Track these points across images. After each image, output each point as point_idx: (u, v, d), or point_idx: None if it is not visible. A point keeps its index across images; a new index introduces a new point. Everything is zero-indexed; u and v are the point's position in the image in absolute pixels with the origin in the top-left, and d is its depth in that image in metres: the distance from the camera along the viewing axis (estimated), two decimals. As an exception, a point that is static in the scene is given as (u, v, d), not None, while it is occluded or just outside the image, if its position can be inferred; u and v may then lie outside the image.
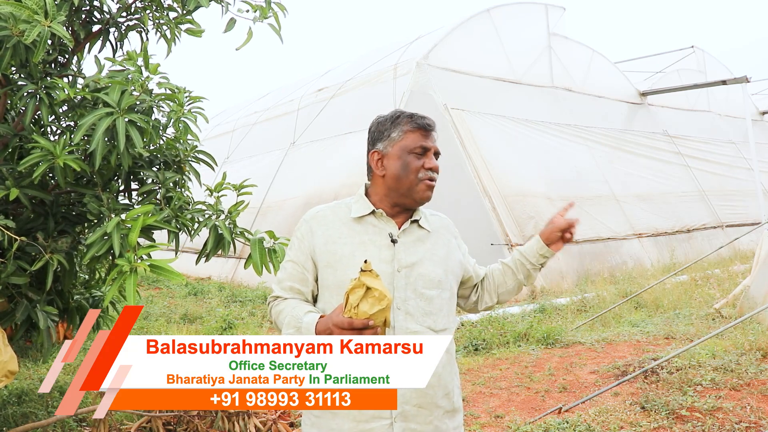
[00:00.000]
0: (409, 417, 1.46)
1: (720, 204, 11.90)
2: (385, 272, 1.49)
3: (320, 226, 1.57)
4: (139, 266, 2.09)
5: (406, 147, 1.54)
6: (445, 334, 1.54)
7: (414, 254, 1.54)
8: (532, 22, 10.68)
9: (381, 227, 1.55)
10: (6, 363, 2.48)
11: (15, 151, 2.74)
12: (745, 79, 10.23)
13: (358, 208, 1.57)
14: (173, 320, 6.64)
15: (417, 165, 1.53)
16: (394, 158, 1.55)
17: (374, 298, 1.30)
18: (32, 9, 2.17)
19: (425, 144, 1.55)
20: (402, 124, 1.57)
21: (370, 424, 1.45)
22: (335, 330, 1.33)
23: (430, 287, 1.52)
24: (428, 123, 1.58)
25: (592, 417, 3.41)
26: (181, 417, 3.19)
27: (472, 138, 8.57)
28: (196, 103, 2.84)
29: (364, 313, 1.30)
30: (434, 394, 1.49)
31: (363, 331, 1.31)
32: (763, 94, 17.60)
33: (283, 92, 14.07)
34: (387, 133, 1.58)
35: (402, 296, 1.50)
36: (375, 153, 1.59)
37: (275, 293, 1.61)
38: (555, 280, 8.01)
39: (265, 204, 10.32)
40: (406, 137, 1.55)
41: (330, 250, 1.53)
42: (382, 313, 1.31)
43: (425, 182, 1.54)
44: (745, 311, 5.36)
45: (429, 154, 1.56)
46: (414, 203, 1.56)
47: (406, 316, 1.49)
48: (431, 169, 1.54)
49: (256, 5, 2.85)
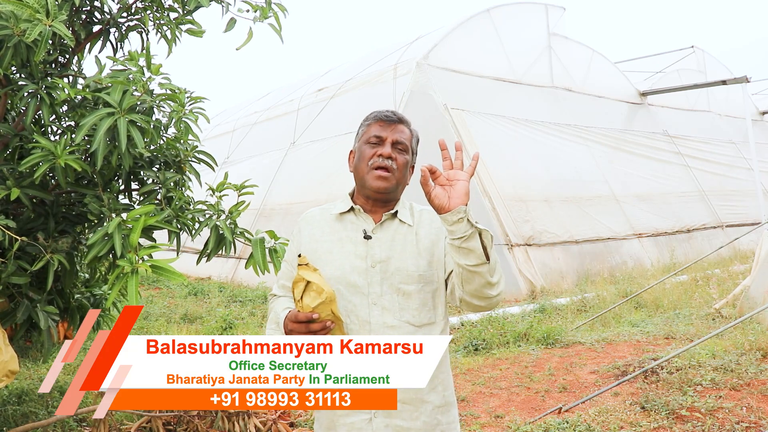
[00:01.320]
0: (393, 413, 1.46)
1: (720, 204, 11.90)
2: (359, 268, 1.51)
3: (307, 225, 1.62)
4: (141, 267, 2.09)
5: (364, 139, 1.58)
6: (429, 328, 1.53)
7: (390, 249, 1.53)
8: (532, 22, 10.68)
9: (358, 223, 1.57)
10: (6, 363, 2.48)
11: (16, 151, 2.74)
12: (745, 79, 10.23)
13: (340, 206, 1.61)
14: (173, 320, 6.64)
15: (369, 153, 1.54)
16: (357, 152, 1.60)
17: (314, 291, 1.34)
18: (34, 8, 2.17)
19: (380, 133, 1.55)
20: (368, 120, 1.61)
21: (350, 418, 1.47)
22: (288, 323, 1.38)
23: (409, 282, 1.51)
24: (388, 114, 1.57)
25: (592, 417, 3.41)
26: (181, 417, 3.19)
27: (472, 138, 8.56)
28: (197, 103, 2.85)
29: (308, 306, 1.33)
30: (419, 389, 1.48)
31: (309, 325, 1.34)
32: (763, 94, 17.60)
33: (283, 92, 14.07)
34: (359, 131, 1.63)
35: (377, 291, 1.50)
36: (351, 152, 1.65)
37: (273, 291, 1.69)
38: (555, 280, 8.01)
39: (265, 204, 10.32)
40: (367, 130, 1.59)
41: (312, 248, 1.57)
42: (326, 306, 1.34)
43: (375, 171, 1.52)
44: (745, 311, 5.36)
45: (384, 143, 1.54)
46: (372, 194, 1.55)
47: (383, 311, 1.49)
48: (382, 156, 1.52)
49: (256, 5, 2.85)
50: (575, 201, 9.37)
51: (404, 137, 1.57)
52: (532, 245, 8.14)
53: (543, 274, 7.95)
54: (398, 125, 1.57)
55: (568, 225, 8.89)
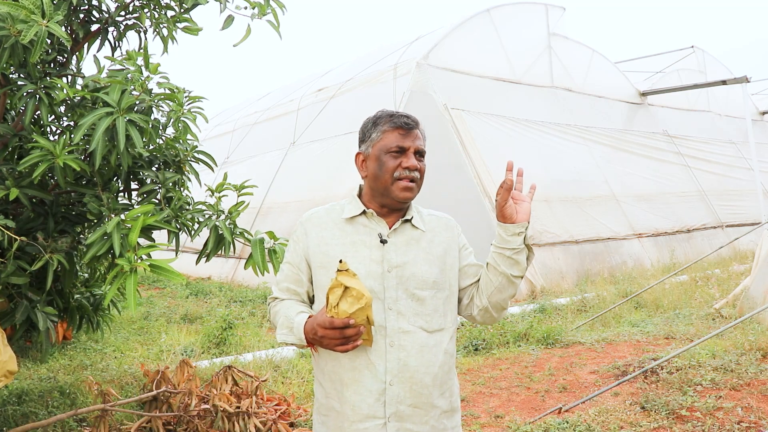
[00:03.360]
0: (405, 417, 1.47)
1: (720, 204, 11.90)
2: (375, 272, 1.49)
3: (314, 227, 1.58)
4: (139, 266, 2.09)
5: (383, 147, 1.53)
6: (440, 334, 1.53)
7: (405, 254, 1.52)
8: (532, 22, 10.68)
9: (372, 227, 1.54)
10: (5, 363, 2.48)
11: (15, 151, 2.74)
12: (745, 79, 10.23)
13: (350, 209, 1.57)
14: (173, 320, 6.64)
15: (393, 165, 1.51)
16: (373, 159, 1.55)
17: (353, 297, 1.32)
18: (29, 9, 2.16)
19: (402, 144, 1.52)
20: (381, 124, 1.56)
21: (364, 424, 1.46)
22: (318, 329, 1.36)
23: (423, 287, 1.51)
24: (407, 122, 1.54)
25: (592, 417, 3.40)
26: (181, 417, 3.18)
27: (471, 138, 8.56)
28: (195, 103, 2.84)
29: (344, 312, 1.32)
30: (430, 394, 1.49)
31: (345, 330, 1.33)
32: (763, 94, 17.59)
33: (283, 92, 14.07)
34: (369, 134, 1.58)
35: (393, 296, 1.49)
36: (359, 155, 1.60)
37: (273, 294, 1.64)
38: (555, 280, 8.01)
39: (265, 204, 10.31)
40: (385, 137, 1.54)
41: (323, 251, 1.54)
42: (363, 312, 1.33)
43: (402, 182, 1.51)
44: (745, 311, 5.36)
45: (408, 154, 1.52)
46: (394, 203, 1.54)
47: (398, 316, 1.48)
48: (408, 168, 1.51)
49: (254, 2, 2.84)
50: (575, 201, 9.37)
51: (422, 144, 1.56)
52: (532, 245, 8.12)
53: (543, 274, 7.95)
54: (416, 131, 1.55)
55: (568, 225, 8.89)
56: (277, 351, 4.90)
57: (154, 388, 3.33)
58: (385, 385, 1.46)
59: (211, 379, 3.49)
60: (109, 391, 3.22)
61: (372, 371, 1.46)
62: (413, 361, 1.47)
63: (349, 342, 1.35)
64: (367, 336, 1.40)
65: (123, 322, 6.26)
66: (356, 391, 1.47)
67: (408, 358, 1.47)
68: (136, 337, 5.78)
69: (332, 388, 1.53)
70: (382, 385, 1.46)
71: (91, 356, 4.91)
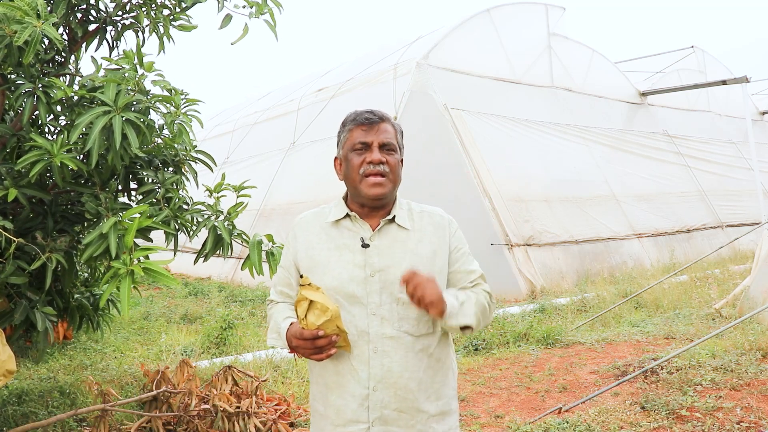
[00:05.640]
0: (389, 421, 1.45)
1: (720, 204, 11.89)
2: (358, 277, 1.47)
3: (302, 231, 1.58)
4: (134, 269, 2.07)
5: (350, 146, 1.52)
6: (427, 338, 1.49)
7: (389, 257, 1.48)
8: (532, 22, 10.67)
9: (355, 230, 1.52)
10: (4, 362, 2.47)
11: (13, 151, 2.73)
12: (745, 79, 10.22)
13: (335, 213, 1.55)
14: (173, 320, 6.64)
15: (358, 161, 1.48)
16: (344, 160, 1.54)
17: (318, 309, 1.34)
18: (24, 10, 2.16)
19: (365, 139, 1.49)
20: (348, 124, 1.55)
21: (347, 428, 1.46)
22: (293, 339, 1.40)
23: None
24: (368, 117, 1.50)
25: (592, 417, 3.40)
26: (181, 417, 3.18)
27: (471, 138, 8.56)
28: (191, 105, 2.82)
29: (313, 324, 1.34)
30: (416, 399, 1.46)
31: (315, 341, 1.35)
32: (763, 94, 17.57)
33: (283, 92, 14.06)
34: (339, 136, 1.57)
35: (376, 301, 1.46)
36: (336, 159, 1.59)
37: (270, 297, 1.67)
38: (555, 280, 8.00)
39: (265, 205, 10.31)
40: (350, 136, 1.52)
41: (309, 255, 1.53)
42: (331, 323, 1.34)
43: (369, 178, 1.47)
44: (745, 311, 5.36)
45: (372, 148, 1.48)
46: (369, 202, 1.50)
47: (382, 321, 1.45)
48: (372, 163, 1.47)
49: (252, 1, 2.84)
50: (575, 201, 9.36)
51: (389, 137, 1.50)
52: (532, 245, 8.13)
53: (543, 274, 7.94)
54: (380, 125, 1.50)
55: (568, 225, 8.89)
56: (277, 351, 4.90)
57: (154, 388, 3.32)
58: (368, 390, 1.44)
59: (211, 379, 3.48)
60: (109, 391, 3.22)
61: (355, 377, 1.45)
62: (397, 367, 1.45)
63: (323, 351, 1.36)
64: (344, 342, 1.40)
65: (123, 322, 6.26)
66: (340, 396, 1.46)
67: (392, 364, 1.45)
68: (136, 337, 5.78)
69: (318, 391, 1.53)
70: (365, 391, 1.44)
71: (91, 356, 4.91)
